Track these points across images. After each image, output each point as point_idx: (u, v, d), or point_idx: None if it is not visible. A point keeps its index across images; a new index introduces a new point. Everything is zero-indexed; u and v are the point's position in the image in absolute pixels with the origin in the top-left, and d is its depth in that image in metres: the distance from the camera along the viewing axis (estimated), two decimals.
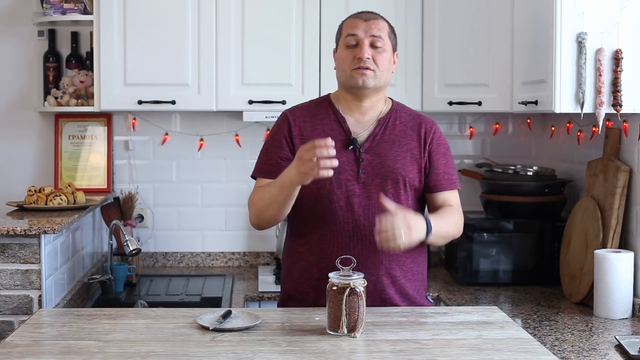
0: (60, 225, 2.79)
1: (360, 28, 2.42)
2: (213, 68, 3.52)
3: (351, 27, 2.44)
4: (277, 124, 2.52)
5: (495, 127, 3.93)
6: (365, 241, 2.39)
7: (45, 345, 2.06)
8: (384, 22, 2.48)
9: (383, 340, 2.09)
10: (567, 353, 2.47)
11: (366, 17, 2.46)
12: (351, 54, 2.41)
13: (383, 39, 2.42)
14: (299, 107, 2.55)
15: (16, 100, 3.84)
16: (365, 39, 2.41)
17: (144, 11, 3.49)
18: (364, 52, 2.39)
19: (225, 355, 1.96)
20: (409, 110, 2.55)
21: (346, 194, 2.41)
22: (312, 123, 2.47)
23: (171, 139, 3.90)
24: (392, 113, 2.50)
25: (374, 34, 2.41)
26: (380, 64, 2.41)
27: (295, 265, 2.50)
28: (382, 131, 2.46)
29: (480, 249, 3.45)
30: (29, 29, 3.81)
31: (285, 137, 2.46)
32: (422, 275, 2.54)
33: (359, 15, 2.48)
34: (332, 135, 2.40)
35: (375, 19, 2.46)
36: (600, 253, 2.87)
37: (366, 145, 2.43)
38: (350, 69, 2.41)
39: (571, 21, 2.75)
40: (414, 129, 2.48)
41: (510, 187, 3.49)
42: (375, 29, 2.42)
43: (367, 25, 2.42)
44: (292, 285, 2.51)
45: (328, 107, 2.50)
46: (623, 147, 3.05)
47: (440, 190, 2.48)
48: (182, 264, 3.94)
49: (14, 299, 2.77)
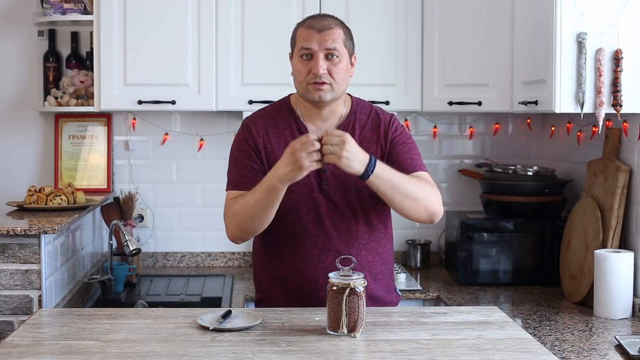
0: (60, 225, 2.79)
1: (314, 41, 2.33)
2: (213, 68, 3.52)
3: (305, 40, 2.35)
4: (241, 135, 2.47)
5: (495, 127, 3.93)
6: (337, 253, 2.36)
7: (45, 345, 2.06)
8: (339, 30, 2.37)
9: (383, 340, 2.09)
10: (567, 353, 2.47)
11: (320, 27, 2.35)
12: (306, 67, 2.35)
13: (338, 50, 2.34)
14: (259, 116, 2.49)
15: (16, 100, 3.84)
16: (320, 52, 2.33)
17: (144, 11, 3.49)
18: (319, 68, 2.32)
19: (225, 355, 1.96)
20: (368, 109, 2.50)
21: (314, 207, 2.40)
22: (275, 134, 2.44)
23: (171, 139, 3.90)
24: (352, 117, 2.45)
25: (329, 47, 2.33)
26: (337, 75, 2.34)
27: (267, 273, 2.51)
28: None
29: (480, 249, 3.45)
30: (29, 29, 3.81)
31: (252, 148, 2.42)
32: (389, 271, 2.55)
33: (312, 24, 2.37)
34: None
35: (329, 28, 2.35)
36: (600, 253, 2.87)
37: None
38: (306, 82, 2.35)
39: (571, 21, 2.75)
40: (373, 130, 2.45)
41: (510, 187, 3.49)
42: (330, 41, 2.33)
43: (321, 38, 2.33)
44: (266, 292, 2.53)
45: (289, 114, 2.46)
46: (623, 147, 3.05)
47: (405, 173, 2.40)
48: (182, 264, 3.94)
49: (14, 299, 2.77)
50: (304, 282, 2.43)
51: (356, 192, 2.41)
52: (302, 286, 2.44)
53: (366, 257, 2.44)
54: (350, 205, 2.42)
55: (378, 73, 3.57)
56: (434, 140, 3.95)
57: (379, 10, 3.57)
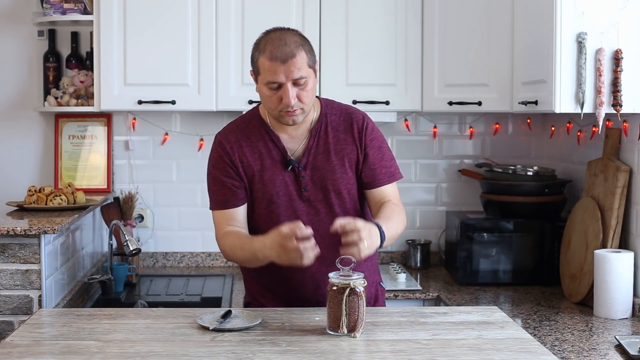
0: (60, 225, 2.79)
1: (279, 73, 2.27)
2: (213, 68, 3.52)
3: (270, 73, 2.28)
4: (215, 152, 2.45)
5: (495, 127, 3.93)
6: (322, 258, 2.32)
7: (45, 345, 2.06)
8: (301, 53, 2.29)
9: (383, 340, 2.09)
10: (567, 353, 2.47)
11: (283, 57, 2.27)
12: (275, 95, 2.31)
13: (304, 76, 2.29)
14: (231, 130, 2.46)
15: (16, 100, 3.84)
16: (288, 83, 2.28)
17: (144, 11, 3.49)
18: (289, 99, 2.28)
19: (225, 355, 1.96)
20: (339, 109, 2.48)
21: (295, 214, 2.39)
22: (249, 147, 2.42)
23: (171, 139, 3.90)
24: (323, 119, 2.44)
25: (295, 77, 2.27)
26: (306, 98, 2.32)
27: (255, 281, 2.52)
28: (316, 143, 2.41)
29: (480, 249, 3.45)
30: (29, 29, 3.81)
31: (229, 165, 2.41)
32: (374, 267, 2.56)
33: (275, 54, 2.27)
34: (270, 155, 2.40)
35: (292, 57, 2.27)
36: (600, 253, 2.87)
37: (303, 162, 2.40)
38: (278, 110, 2.33)
39: (571, 21, 2.75)
40: (347, 132, 2.44)
41: (510, 187, 3.49)
42: (295, 70, 2.27)
43: (286, 69, 2.27)
44: (254, 296, 2.54)
45: (259, 126, 2.44)
46: (623, 147, 3.05)
47: (379, 186, 2.44)
48: (182, 264, 3.94)
49: (14, 299, 2.77)
50: (292, 289, 2.44)
51: (335, 194, 2.41)
52: (289, 292, 2.45)
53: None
54: (331, 209, 2.41)
55: (378, 73, 3.57)
56: (434, 140, 3.95)
57: (379, 10, 3.57)
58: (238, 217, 2.42)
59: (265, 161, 2.40)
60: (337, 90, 3.46)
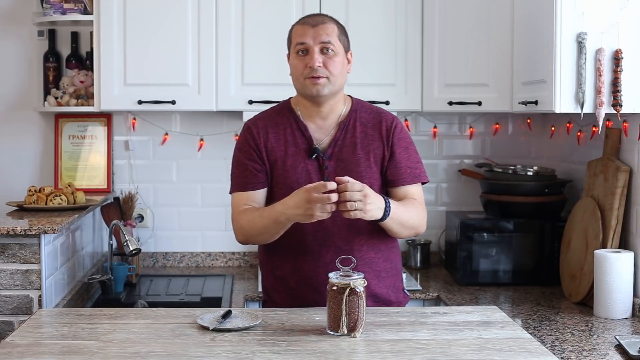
0: (60, 225, 2.79)
1: (308, 35, 2.39)
2: (213, 68, 3.52)
3: (300, 35, 2.41)
4: (242, 136, 2.52)
5: (495, 127, 3.93)
6: (337, 248, 2.41)
7: (45, 345, 2.06)
8: (333, 25, 2.43)
9: (383, 340, 2.09)
10: (567, 353, 2.47)
11: (314, 23, 2.41)
12: (302, 62, 2.40)
13: (333, 44, 2.40)
14: (260, 118, 2.54)
15: (16, 100, 3.84)
16: (315, 47, 2.38)
17: (144, 11, 3.49)
18: (314, 61, 2.37)
19: (225, 355, 1.96)
20: (369, 108, 2.54)
21: None
22: (276, 133, 2.48)
23: (171, 139, 3.90)
24: (352, 114, 2.49)
25: (323, 40, 2.38)
26: (333, 69, 2.39)
27: (271, 275, 2.54)
28: (343, 135, 2.46)
29: (480, 249, 3.45)
30: (29, 29, 3.81)
31: (254, 149, 2.47)
32: (395, 271, 2.56)
33: (306, 20, 2.44)
34: (295, 143, 2.45)
35: (323, 23, 2.42)
36: (600, 253, 2.87)
37: (329, 152, 2.44)
38: (303, 77, 2.41)
39: (571, 21, 2.75)
40: (375, 128, 2.48)
41: (510, 187, 3.49)
42: (324, 35, 2.39)
43: (315, 32, 2.39)
44: (269, 293, 2.56)
45: (289, 114, 2.50)
46: (623, 147, 3.05)
47: (402, 184, 2.47)
48: (182, 264, 3.94)
49: (14, 299, 2.77)
50: (305, 279, 2.44)
51: None
52: (302, 284, 2.45)
53: (368, 253, 2.45)
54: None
55: (378, 73, 3.57)
56: (434, 140, 3.95)
57: (379, 10, 3.57)
58: (256, 199, 2.47)
59: (289, 148, 2.45)
60: None
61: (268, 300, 2.58)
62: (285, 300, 2.48)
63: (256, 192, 2.46)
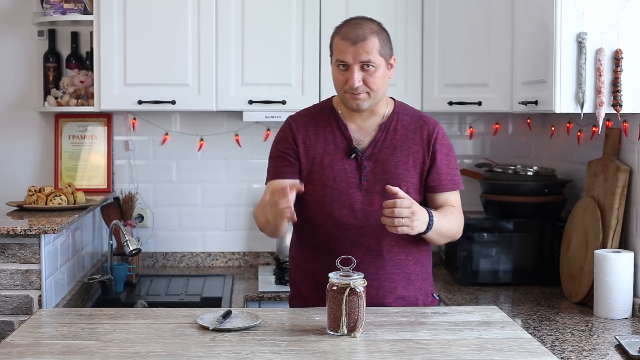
0: (60, 225, 2.79)
1: (348, 53, 2.35)
2: (213, 68, 3.52)
3: (340, 52, 2.37)
4: (282, 131, 2.53)
5: (495, 127, 3.93)
6: (368, 248, 2.41)
7: (45, 345, 2.06)
8: (374, 39, 2.36)
9: (383, 340, 2.09)
10: (567, 353, 2.47)
11: (354, 39, 2.35)
12: (343, 76, 2.38)
13: (373, 61, 2.35)
14: (302, 115, 2.55)
15: (16, 100, 3.84)
16: (355, 65, 2.35)
17: (144, 11, 3.49)
18: (354, 81, 2.35)
19: (225, 355, 1.96)
20: (412, 112, 2.54)
21: (349, 201, 2.42)
22: (315, 131, 2.48)
23: (171, 139, 3.90)
24: (394, 117, 2.49)
25: (363, 60, 2.34)
26: (373, 84, 2.37)
27: (300, 268, 2.54)
28: (383, 137, 2.46)
29: (480, 249, 3.45)
30: (29, 29, 3.81)
31: (291, 145, 2.47)
32: (426, 274, 2.55)
33: (347, 34, 2.37)
34: (334, 142, 2.45)
35: (363, 40, 2.34)
36: (600, 253, 2.87)
37: (368, 152, 2.44)
38: (343, 91, 2.40)
39: (571, 21, 2.75)
40: (416, 132, 2.48)
41: (510, 187, 3.49)
42: (364, 54, 2.34)
43: (355, 50, 2.34)
44: (298, 286, 2.56)
45: (330, 113, 2.50)
46: (623, 147, 3.05)
47: (442, 191, 2.48)
48: (182, 264, 3.94)
49: (14, 299, 2.77)
50: None
51: None
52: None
53: (398, 254, 2.44)
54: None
55: None
56: None
57: (379, 11, 3.56)
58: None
59: (328, 146, 2.45)
60: None
61: (297, 294, 2.57)
62: (314, 293, 2.46)
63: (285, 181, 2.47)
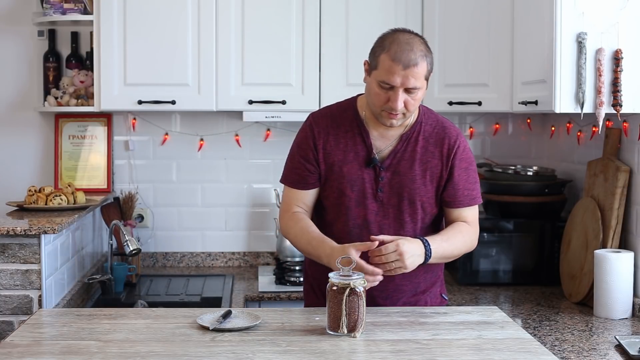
0: (60, 225, 2.79)
1: (397, 76, 2.25)
2: (213, 68, 3.52)
3: (388, 73, 2.25)
4: (303, 132, 2.48)
5: (495, 127, 3.93)
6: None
7: (45, 345, 2.06)
8: (423, 65, 2.27)
9: (383, 340, 2.09)
10: (567, 353, 2.47)
11: (406, 63, 2.24)
12: (384, 95, 2.29)
13: (419, 86, 2.28)
14: (323, 115, 2.48)
15: (16, 100, 3.84)
16: (400, 89, 2.27)
17: (144, 11, 3.49)
18: (397, 104, 2.27)
19: (225, 355, 1.96)
20: (435, 120, 2.46)
21: (363, 212, 2.41)
22: (336, 135, 2.43)
23: (171, 139, 3.90)
24: (417, 127, 2.43)
25: (410, 86, 2.26)
26: (412, 106, 2.31)
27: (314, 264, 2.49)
28: (403, 148, 2.41)
29: (480, 249, 3.44)
30: (29, 29, 3.81)
31: (311, 149, 2.44)
32: (436, 278, 2.55)
33: (398, 57, 2.25)
34: (354, 149, 2.41)
35: (414, 65, 2.25)
36: (600, 253, 2.87)
37: (386, 163, 2.41)
38: (380, 109, 2.32)
39: (571, 21, 2.75)
40: (437, 145, 2.43)
41: (510, 187, 3.49)
42: (412, 80, 2.25)
43: (404, 75, 2.25)
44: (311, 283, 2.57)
45: (353, 117, 2.44)
46: (623, 147, 3.05)
47: (458, 207, 2.45)
48: (182, 264, 3.94)
49: (14, 299, 2.77)
50: None
51: (409, 202, 2.42)
52: None
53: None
54: (401, 215, 2.42)
55: None
56: None
57: (379, 10, 3.57)
58: (305, 199, 2.48)
59: (348, 154, 2.42)
60: (337, 90, 3.46)
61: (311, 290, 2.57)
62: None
63: (305, 192, 2.47)
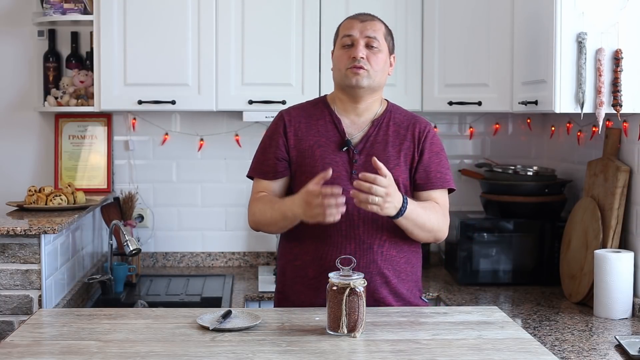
0: (60, 225, 2.79)
1: (356, 28, 2.46)
2: (213, 68, 3.52)
3: (347, 28, 2.48)
4: (274, 123, 2.55)
5: (495, 127, 3.93)
6: (359, 240, 2.41)
7: (45, 345, 2.06)
8: (381, 24, 2.51)
9: (383, 340, 2.09)
10: (567, 353, 2.47)
11: (363, 19, 2.49)
12: (346, 53, 2.45)
13: (378, 40, 2.46)
14: (295, 108, 2.59)
15: (16, 100, 3.84)
16: (361, 39, 2.44)
17: (144, 11, 3.49)
18: (358, 52, 2.42)
19: (225, 355, 1.96)
20: (405, 112, 2.57)
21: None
22: (307, 123, 2.50)
23: (171, 139, 3.90)
24: (387, 114, 2.52)
25: (369, 35, 2.45)
26: (375, 64, 2.44)
27: (290, 265, 2.52)
28: (375, 132, 2.48)
29: (480, 249, 3.45)
30: (29, 29, 3.81)
31: (282, 136, 2.50)
32: (415, 276, 2.54)
33: (355, 16, 2.52)
34: (326, 135, 2.47)
35: (371, 20, 2.50)
36: (600, 253, 2.87)
37: (360, 147, 2.46)
38: (344, 68, 2.44)
39: (571, 21, 2.75)
40: (408, 129, 2.50)
41: (510, 187, 3.49)
42: (371, 30, 2.46)
43: (362, 26, 2.46)
44: (287, 285, 2.54)
45: (324, 108, 2.53)
46: (623, 147, 3.05)
47: (430, 189, 2.48)
48: (182, 264, 3.94)
49: (14, 299, 2.77)
50: (325, 269, 2.40)
51: None
52: (321, 274, 2.41)
53: (389, 250, 2.44)
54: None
55: None
56: None
57: (379, 11, 3.52)
58: (274, 188, 2.51)
59: (320, 138, 2.48)
60: None
61: (282, 298, 2.55)
62: (302, 292, 2.46)
63: (275, 182, 2.51)
